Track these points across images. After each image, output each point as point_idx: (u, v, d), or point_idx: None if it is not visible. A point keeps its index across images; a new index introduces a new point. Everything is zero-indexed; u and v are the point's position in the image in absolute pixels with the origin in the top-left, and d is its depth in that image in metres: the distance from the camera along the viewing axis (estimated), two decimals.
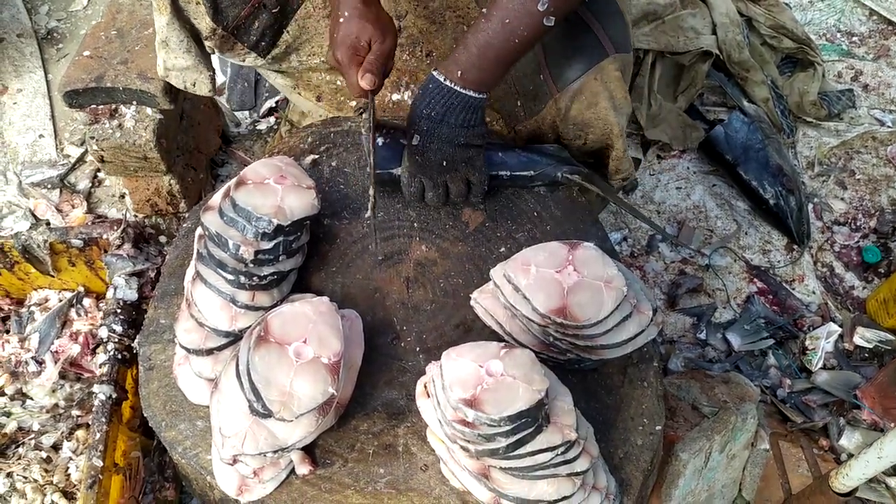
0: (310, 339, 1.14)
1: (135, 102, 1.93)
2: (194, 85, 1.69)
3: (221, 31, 1.57)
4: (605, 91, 1.51)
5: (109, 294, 1.70)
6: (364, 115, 1.38)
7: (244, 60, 1.68)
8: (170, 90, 1.90)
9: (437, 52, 1.71)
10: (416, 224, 1.49)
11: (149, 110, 1.94)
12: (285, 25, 1.64)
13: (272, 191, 1.28)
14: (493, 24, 1.29)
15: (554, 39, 1.54)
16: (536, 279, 1.23)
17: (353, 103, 1.77)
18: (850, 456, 1.89)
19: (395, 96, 1.77)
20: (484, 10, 1.32)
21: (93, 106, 1.93)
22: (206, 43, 1.61)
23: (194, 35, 1.61)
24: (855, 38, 2.93)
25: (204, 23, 1.56)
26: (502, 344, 1.14)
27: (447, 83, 1.32)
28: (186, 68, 1.65)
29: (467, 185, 1.44)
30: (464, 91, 1.32)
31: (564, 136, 1.61)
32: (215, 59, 1.83)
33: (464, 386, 1.08)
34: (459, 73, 1.32)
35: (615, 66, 1.51)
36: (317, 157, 1.55)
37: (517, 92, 1.63)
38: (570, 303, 1.20)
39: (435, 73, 1.34)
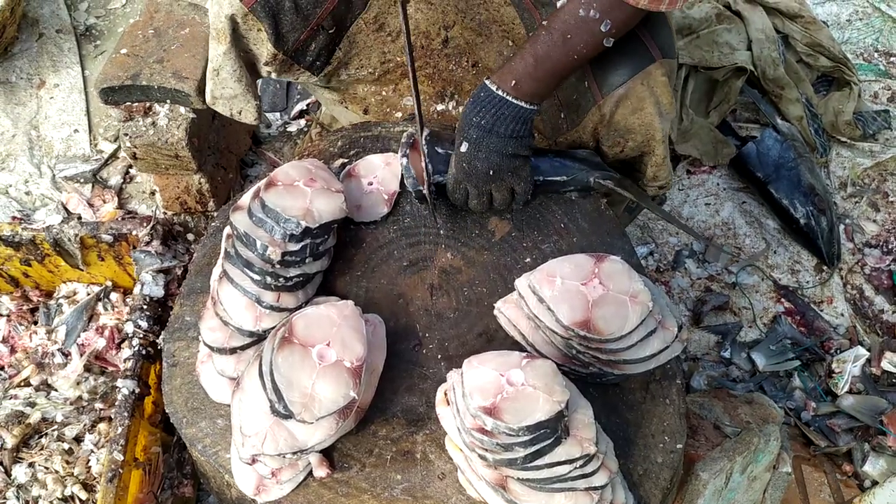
0: (333, 342, 1.14)
1: (169, 101, 1.95)
2: (240, 113, 1.69)
3: (282, 56, 1.59)
4: (651, 96, 1.49)
5: (136, 290, 1.71)
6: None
7: (297, 79, 1.69)
8: (203, 90, 1.92)
9: (482, 63, 1.71)
10: (441, 231, 1.49)
11: (182, 109, 1.96)
12: (338, 43, 1.65)
13: (301, 193, 1.29)
14: (554, 37, 1.30)
15: None
16: (561, 291, 1.23)
17: (399, 115, 1.78)
18: (874, 483, 1.87)
19: (440, 106, 1.77)
20: (544, 22, 1.32)
21: (128, 103, 1.96)
22: (265, 68, 1.62)
23: (247, 63, 1.62)
24: (892, 59, 2.88)
25: (265, 49, 1.57)
26: (524, 354, 1.14)
27: (499, 92, 1.33)
28: (234, 97, 1.66)
29: (511, 194, 1.44)
30: (515, 101, 1.33)
31: (604, 144, 1.59)
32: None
33: (484, 394, 1.07)
34: (513, 82, 1.32)
35: (662, 70, 1.48)
36: (346, 160, 1.56)
37: (560, 103, 1.62)
38: (595, 316, 1.20)
39: (487, 81, 1.34)
